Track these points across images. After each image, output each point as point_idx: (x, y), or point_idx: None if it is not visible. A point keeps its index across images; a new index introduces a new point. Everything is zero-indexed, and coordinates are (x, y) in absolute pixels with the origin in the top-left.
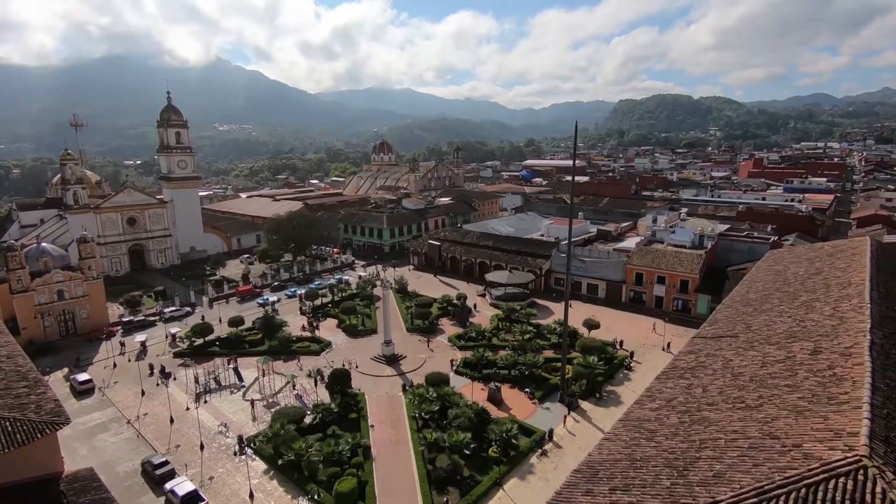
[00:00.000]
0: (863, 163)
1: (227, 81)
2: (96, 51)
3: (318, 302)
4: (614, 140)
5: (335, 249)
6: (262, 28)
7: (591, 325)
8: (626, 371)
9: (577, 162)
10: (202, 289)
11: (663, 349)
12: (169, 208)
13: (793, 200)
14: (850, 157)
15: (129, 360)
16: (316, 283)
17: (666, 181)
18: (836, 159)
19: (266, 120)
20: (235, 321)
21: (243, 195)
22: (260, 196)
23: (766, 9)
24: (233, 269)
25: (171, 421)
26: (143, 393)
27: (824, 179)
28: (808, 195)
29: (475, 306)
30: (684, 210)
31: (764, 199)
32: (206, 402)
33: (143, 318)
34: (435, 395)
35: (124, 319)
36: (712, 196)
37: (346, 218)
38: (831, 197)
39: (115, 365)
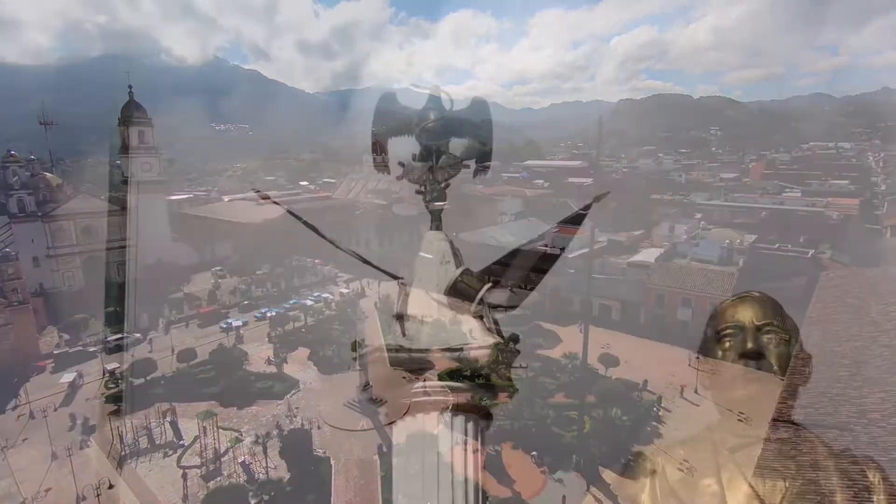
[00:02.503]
0: (881, 164)
1: (224, 80)
2: (93, 49)
3: (288, 327)
4: (615, 140)
5: (317, 261)
6: (260, 26)
7: (610, 361)
8: (653, 423)
9: (578, 162)
10: (159, 309)
11: (681, 394)
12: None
13: (814, 205)
14: (865, 157)
15: (43, 413)
16: (292, 301)
17: (674, 183)
18: (853, 160)
19: (264, 119)
20: (186, 355)
21: (225, 198)
22: (243, 199)
23: (766, 8)
24: (201, 283)
25: (79, 500)
26: (53, 456)
27: (845, 182)
28: (831, 199)
29: (471, 332)
30: (698, 216)
31: (783, 203)
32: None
33: (80, 348)
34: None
35: (56, 352)
36: (727, 200)
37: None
38: (857, 201)
39: (31, 415)
